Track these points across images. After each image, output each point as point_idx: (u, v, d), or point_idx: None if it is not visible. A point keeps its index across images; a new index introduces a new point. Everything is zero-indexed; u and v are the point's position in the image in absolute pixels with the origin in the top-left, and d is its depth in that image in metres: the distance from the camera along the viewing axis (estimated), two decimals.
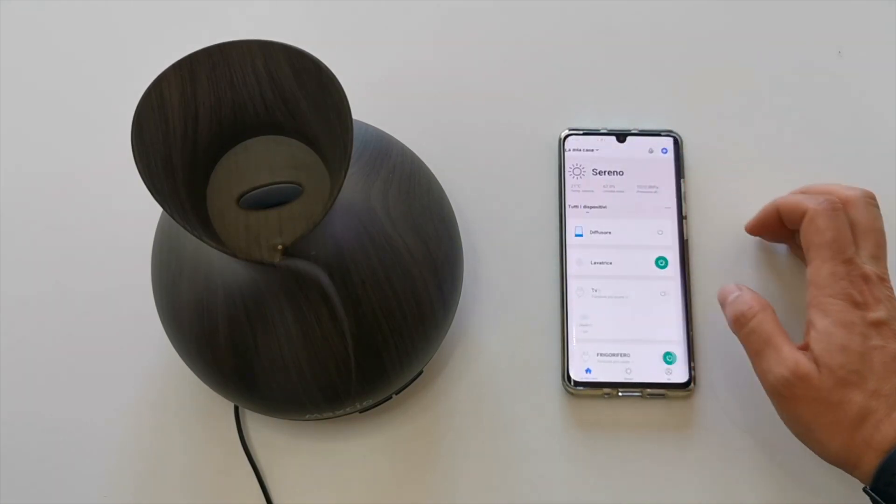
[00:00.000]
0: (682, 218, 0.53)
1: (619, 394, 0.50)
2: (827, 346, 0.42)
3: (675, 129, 0.55)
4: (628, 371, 0.50)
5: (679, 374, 0.50)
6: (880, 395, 0.41)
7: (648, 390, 0.50)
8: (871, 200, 0.46)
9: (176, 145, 0.36)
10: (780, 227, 0.50)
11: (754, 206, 0.54)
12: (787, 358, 0.43)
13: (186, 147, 0.37)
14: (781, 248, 0.53)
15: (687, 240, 0.53)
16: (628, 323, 0.51)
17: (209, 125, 0.38)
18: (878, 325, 0.43)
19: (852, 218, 0.46)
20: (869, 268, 0.44)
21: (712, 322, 0.52)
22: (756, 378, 0.45)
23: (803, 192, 0.49)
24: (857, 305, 0.43)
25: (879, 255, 0.45)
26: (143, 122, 0.35)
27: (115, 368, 0.52)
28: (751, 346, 0.45)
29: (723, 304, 0.48)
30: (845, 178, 0.54)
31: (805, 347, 0.44)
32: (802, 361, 0.43)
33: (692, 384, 0.50)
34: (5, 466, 0.51)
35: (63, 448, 0.51)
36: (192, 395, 0.51)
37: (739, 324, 0.46)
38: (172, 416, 0.51)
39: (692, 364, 0.50)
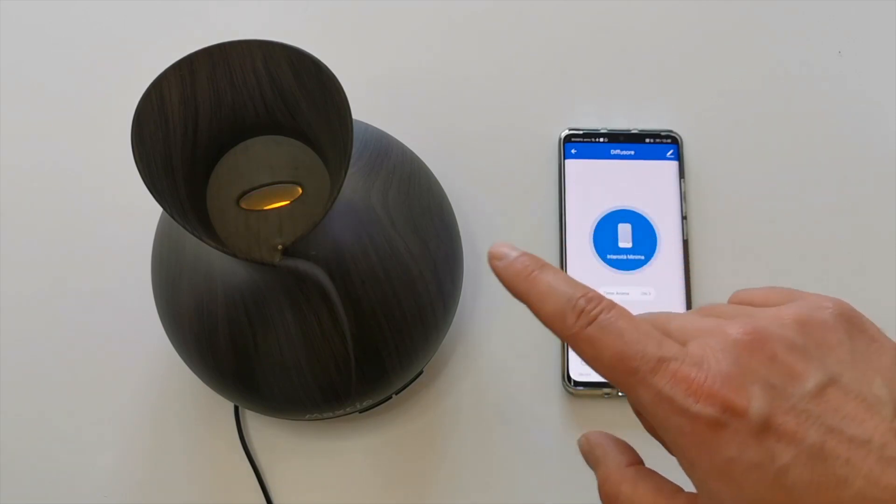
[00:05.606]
0: (682, 218, 0.53)
1: (619, 394, 0.50)
2: None
3: (675, 129, 0.55)
4: None
5: None
6: None
7: None
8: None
9: (176, 145, 0.36)
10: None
11: (754, 206, 0.54)
12: None
13: (186, 147, 0.37)
14: (783, 248, 0.53)
15: (687, 240, 0.53)
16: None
17: (209, 125, 0.38)
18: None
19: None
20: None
21: None
22: None
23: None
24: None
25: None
26: (143, 122, 0.35)
27: (115, 368, 0.52)
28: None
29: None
30: (845, 178, 0.55)
31: None
32: None
33: None
34: (5, 466, 0.51)
35: (63, 448, 0.51)
36: (192, 395, 0.51)
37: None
38: (172, 416, 0.51)
39: None
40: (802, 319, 0.29)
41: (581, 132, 0.55)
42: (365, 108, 0.49)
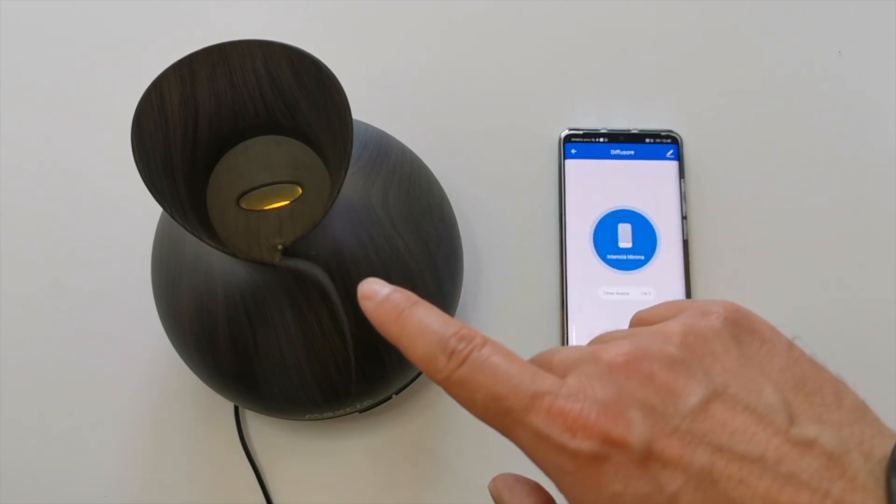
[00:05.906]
0: (682, 218, 0.53)
1: None
2: None
3: (675, 129, 0.55)
4: None
5: None
6: None
7: None
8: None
9: (176, 145, 0.36)
10: None
11: (754, 206, 0.54)
12: None
13: (186, 147, 0.37)
14: (783, 248, 0.53)
15: (687, 240, 0.53)
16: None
17: (209, 125, 0.38)
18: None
19: None
20: None
21: None
22: None
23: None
24: None
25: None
26: (143, 123, 0.35)
27: (115, 368, 0.52)
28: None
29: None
30: (845, 178, 0.55)
31: None
32: None
33: None
34: (5, 466, 0.51)
35: (63, 448, 0.51)
36: (192, 395, 0.51)
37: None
38: (172, 416, 0.51)
39: None
40: (686, 331, 0.27)
41: (581, 132, 0.55)
42: (365, 108, 0.49)
